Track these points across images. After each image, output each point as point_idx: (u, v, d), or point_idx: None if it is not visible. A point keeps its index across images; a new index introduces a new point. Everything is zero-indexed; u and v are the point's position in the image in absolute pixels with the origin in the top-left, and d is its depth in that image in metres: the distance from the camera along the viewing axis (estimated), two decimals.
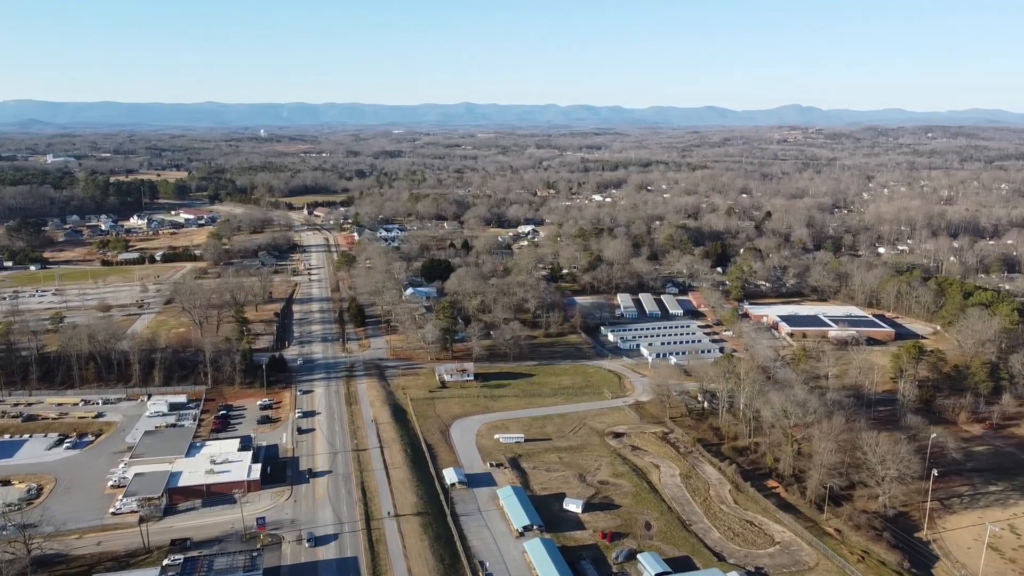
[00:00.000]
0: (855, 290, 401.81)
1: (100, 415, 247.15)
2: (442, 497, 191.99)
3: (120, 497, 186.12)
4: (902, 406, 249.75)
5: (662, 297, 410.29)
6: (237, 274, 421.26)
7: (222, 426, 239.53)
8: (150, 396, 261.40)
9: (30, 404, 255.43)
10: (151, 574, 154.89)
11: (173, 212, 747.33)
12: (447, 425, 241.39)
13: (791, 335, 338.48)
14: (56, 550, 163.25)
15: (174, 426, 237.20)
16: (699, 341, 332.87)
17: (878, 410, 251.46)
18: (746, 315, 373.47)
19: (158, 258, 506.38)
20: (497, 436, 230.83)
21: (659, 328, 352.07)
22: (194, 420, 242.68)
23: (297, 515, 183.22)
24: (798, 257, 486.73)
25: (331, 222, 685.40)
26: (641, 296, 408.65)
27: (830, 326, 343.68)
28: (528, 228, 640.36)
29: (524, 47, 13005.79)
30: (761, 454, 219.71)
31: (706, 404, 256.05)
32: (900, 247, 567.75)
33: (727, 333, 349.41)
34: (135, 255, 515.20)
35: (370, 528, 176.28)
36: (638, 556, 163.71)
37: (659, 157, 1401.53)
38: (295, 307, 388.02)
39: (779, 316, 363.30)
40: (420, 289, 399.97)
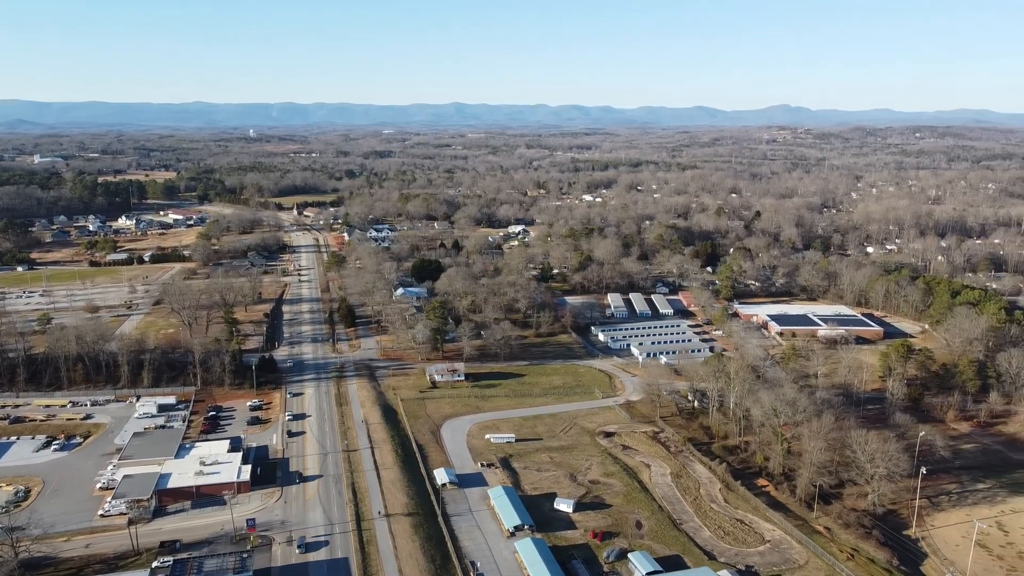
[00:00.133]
0: (844, 289, 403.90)
1: (88, 417, 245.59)
2: (433, 497, 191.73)
3: (109, 499, 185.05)
4: (891, 404, 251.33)
5: (652, 297, 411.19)
6: (226, 275, 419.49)
7: (212, 427, 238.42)
8: (139, 397, 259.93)
9: (17, 406, 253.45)
10: None
11: (162, 212, 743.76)
12: (438, 425, 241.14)
13: (780, 334, 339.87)
14: (44, 553, 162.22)
15: (163, 427, 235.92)
16: (689, 340, 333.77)
17: (867, 409, 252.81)
18: (736, 314, 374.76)
19: (147, 259, 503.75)
20: (488, 436, 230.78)
21: (649, 328, 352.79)
22: (183, 421, 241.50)
23: (287, 516, 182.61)
24: (787, 257, 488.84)
25: (321, 222, 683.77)
26: (631, 296, 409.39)
27: (819, 325, 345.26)
28: (518, 228, 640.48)
29: (515, 47, 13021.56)
30: (751, 453, 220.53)
31: (696, 403, 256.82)
32: (888, 246, 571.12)
33: (717, 332, 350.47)
34: (123, 256, 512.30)
35: (361, 529, 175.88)
36: (629, 555, 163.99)
37: (649, 157, 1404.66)
38: (285, 308, 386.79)
39: (769, 315, 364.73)
40: (410, 289, 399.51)
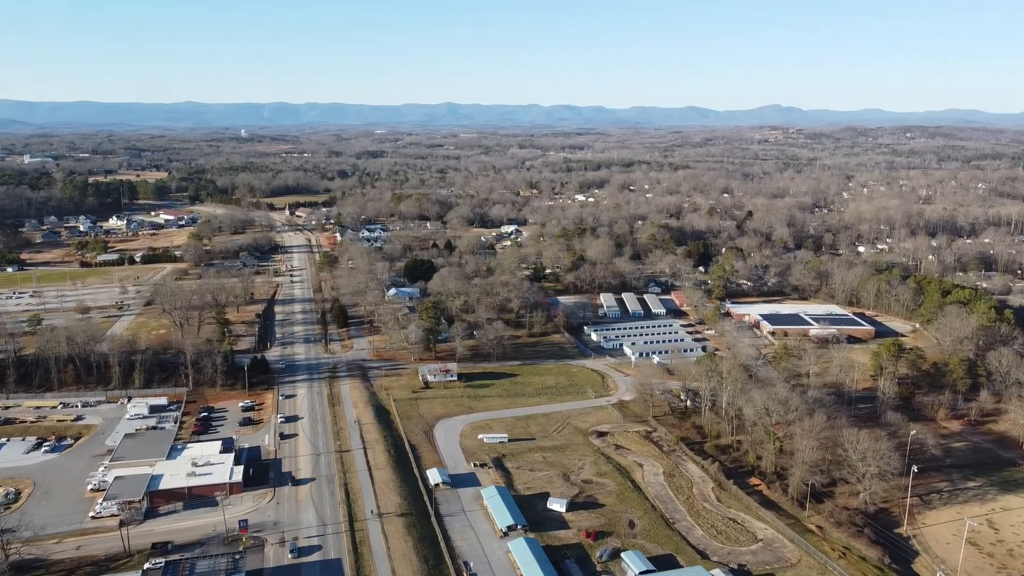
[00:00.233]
0: (835, 289, 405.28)
1: (79, 418, 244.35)
2: (426, 498, 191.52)
3: (100, 501, 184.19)
4: (882, 403, 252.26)
5: (645, 296, 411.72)
6: (218, 275, 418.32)
7: (203, 428, 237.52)
8: (130, 398, 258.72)
9: (7, 408, 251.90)
10: None
11: (153, 213, 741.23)
12: (431, 425, 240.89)
13: (772, 334, 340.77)
14: (35, 555, 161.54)
15: (155, 428, 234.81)
16: (682, 340, 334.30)
17: (858, 407, 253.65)
18: (728, 314, 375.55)
19: (138, 259, 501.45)
20: (481, 436, 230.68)
21: (642, 327, 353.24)
22: (175, 422, 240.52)
23: (280, 517, 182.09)
24: (779, 256, 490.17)
25: (313, 222, 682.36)
26: (624, 295, 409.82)
27: (811, 324, 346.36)
28: (511, 228, 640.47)
29: (507, 47, 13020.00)
30: (743, 452, 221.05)
31: (689, 403, 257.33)
32: (880, 246, 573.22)
33: (709, 332, 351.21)
34: (114, 256, 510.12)
35: (354, 530, 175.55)
36: (622, 555, 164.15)
37: (641, 157, 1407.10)
38: (277, 308, 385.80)
39: (761, 315, 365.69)
40: (403, 289, 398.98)
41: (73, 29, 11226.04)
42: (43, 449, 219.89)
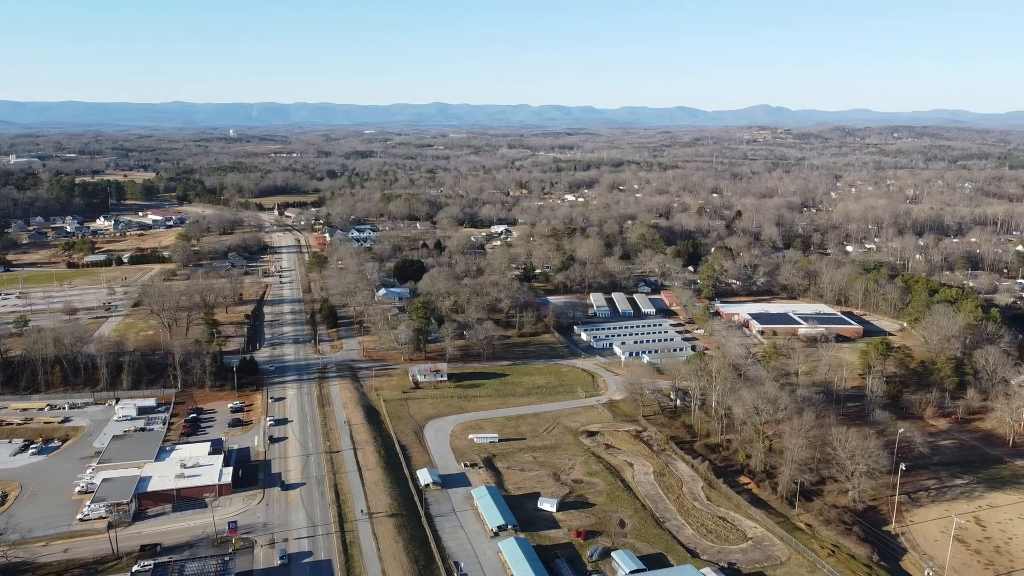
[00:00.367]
0: (824, 288, 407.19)
1: (67, 420, 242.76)
2: (416, 498, 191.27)
3: (88, 503, 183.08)
4: (870, 402, 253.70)
5: (634, 296, 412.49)
6: (207, 276, 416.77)
7: (192, 430, 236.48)
8: (118, 400, 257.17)
9: None
10: None
11: (141, 213, 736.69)
12: (421, 426, 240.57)
13: (762, 333, 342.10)
14: (22, 558, 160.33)
15: (143, 430, 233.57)
16: (671, 339, 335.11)
17: (847, 406, 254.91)
18: (717, 313, 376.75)
19: (125, 260, 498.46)
20: (471, 436, 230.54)
21: (632, 327, 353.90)
22: (163, 424, 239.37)
23: (269, 518, 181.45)
24: (768, 256, 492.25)
25: (302, 223, 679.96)
26: (614, 295, 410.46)
27: (800, 324, 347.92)
28: (501, 228, 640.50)
29: (497, 48, 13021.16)
30: (733, 451, 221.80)
31: (679, 402, 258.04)
32: (867, 245, 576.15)
33: (699, 331, 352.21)
34: (102, 257, 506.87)
35: (344, 531, 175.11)
36: (612, 554, 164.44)
37: (631, 157, 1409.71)
38: (266, 309, 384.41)
39: (750, 314, 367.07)
40: (393, 290, 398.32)
41: (61, 29, 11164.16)
42: (30, 451, 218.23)
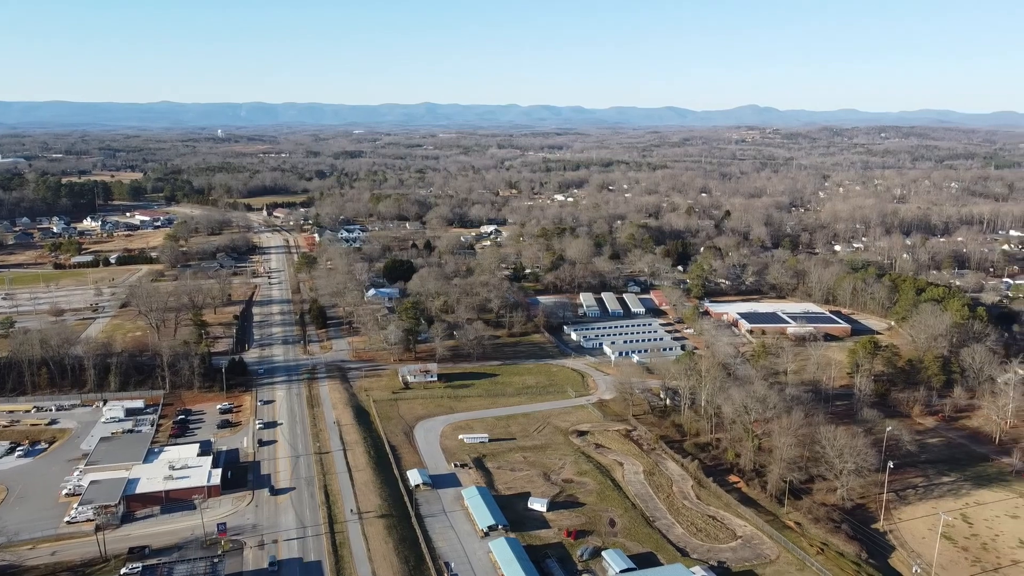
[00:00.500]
0: (812, 287, 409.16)
1: (53, 422, 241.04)
2: (406, 499, 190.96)
3: (75, 505, 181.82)
4: (858, 400, 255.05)
5: (624, 296, 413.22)
6: (195, 276, 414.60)
7: (181, 431, 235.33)
8: (106, 402, 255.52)
9: None
10: None
11: (128, 214, 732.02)
12: (411, 426, 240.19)
13: (751, 332, 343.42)
14: (8, 561, 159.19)
15: (131, 432, 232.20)
16: (661, 339, 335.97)
17: (836, 404, 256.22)
18: (707, 313, 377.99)
19: (113, 261, 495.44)
20: (461, 436, 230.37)
21: (622, 327, 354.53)
22: (152, 425, 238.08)
23: (259, 520, 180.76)
24: (757, 255, 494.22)
25: (291, 223, 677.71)
26: (604, 295, 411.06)
27: (788, 323, 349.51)
28: (491, 228, 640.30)
29: (486, 47, 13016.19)
30: (723, 450, 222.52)
31: (668, 401, 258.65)
32: (855, 245, 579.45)
33: (688, 331, 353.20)
34: (89, 258, 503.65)
35: (334, 532, 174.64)
36: (603, 553, 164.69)
37: (620, 157, 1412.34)
38: (255, 309, 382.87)
39: (739, 313, 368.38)
40: (382, 290, 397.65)
41: (48, 28, 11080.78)
42: (16, 454, 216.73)
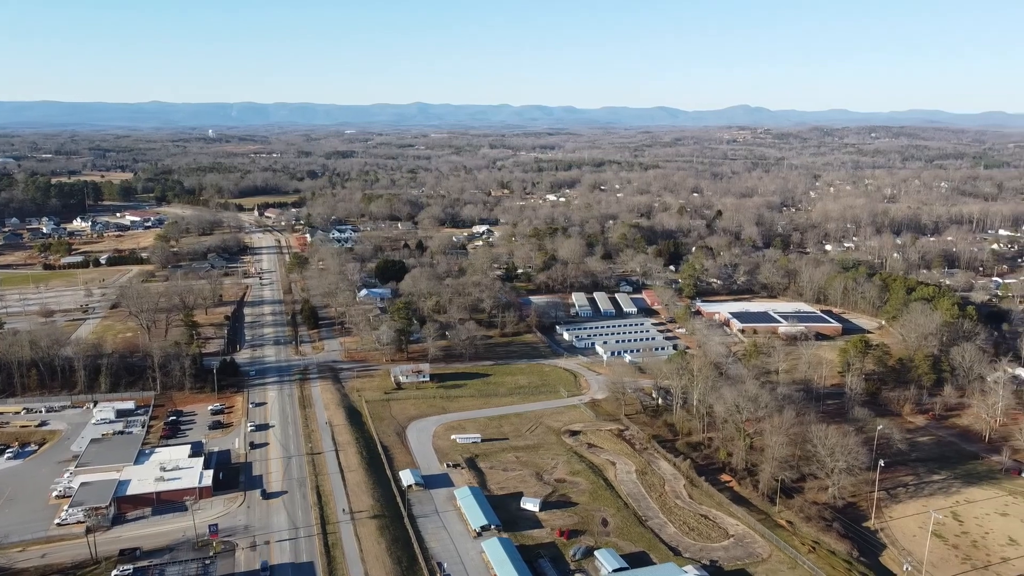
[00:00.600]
0: (803, 286, 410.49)
1: (43, 424, 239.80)
2: (399, 499, 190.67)
3: (66, 507, 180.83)
4: (850, 399, 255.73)
5: (616, 296, 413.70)
6: (186, 277, 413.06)
7: (172, 432, 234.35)
8: (96, 403, 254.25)
9: None
10: None
11: (118, 214, 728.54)
12: (403, 427, 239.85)
13: (742, 331, 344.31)
14: None
15: (122, 433, 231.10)
16: (653, 339, 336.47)
17: (827, 403, 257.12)
18: (698, 312, 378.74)
19: (103, 261, 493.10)
20: (454, 436, 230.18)
21: (614, 326, 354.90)
22: (143, 427, 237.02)
23: (251, 521, 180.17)
24: (748, 255, 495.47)
25: (283, 223, 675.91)
26: (596, 295, 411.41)
27: (780, 322, 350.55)
28: (483, 228, 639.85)
29: (478, 48, 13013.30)
30: (715, 449, 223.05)
31: (661, 401, 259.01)
32: (846, 244, 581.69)
33: (680, 330, 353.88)
34: (79, 259, 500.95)
35: (326, 532, 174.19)
36: (595, 553, 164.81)
37: (612, 157, 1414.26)
38: (246, 310, 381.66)
39: (730, 313, 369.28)
40: (374, 290, 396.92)
41: (36, 28, 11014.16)
42: (6, 456, 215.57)
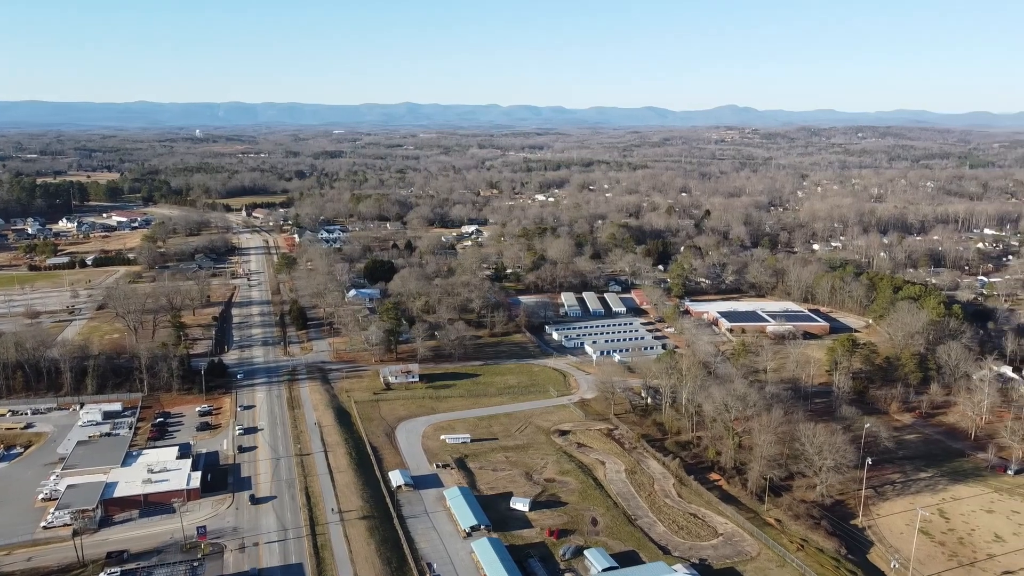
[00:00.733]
0: (791, 286, 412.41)
1: (29, 426, 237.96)
2: (388, 500, 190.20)
3: (52, 510, 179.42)
4: (837, 397, 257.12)
5: (605, 295, 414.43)
6: (173, 278, 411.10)
7: (160, 434, 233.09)
8: (83, 405, 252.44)
9: None
10: None
11: (105, 215, 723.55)
12: (392, 427, 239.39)
13: (731, 330, 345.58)
14: None
15: (109, 435, 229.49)
16: (642, 338, 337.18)
17: (815, 402, 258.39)
18: (687, 312, 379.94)
19: (89, 262, 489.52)
20: (443, 437, 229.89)
21: (603, 326, 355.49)
22: (130, 428, 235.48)
23: (239, 522, 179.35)
24: (736, 254, 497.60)
25: (271, 224, 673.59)
26: (585, 295, 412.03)
27: (768, 321, 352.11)
28: (472, 228, 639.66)
29: (467, 48, 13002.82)
30: (703, 448, 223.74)
31: (649, 400, 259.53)
32: (833, 243, 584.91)
33: (669, 330, 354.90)
34: (64, 259, 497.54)
35: (315, 534, 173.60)
36: (585, 552, 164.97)
37: (601, 157, 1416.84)
38: (234, 311, 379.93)
39: (719, 312, 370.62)
40: (363, 291, 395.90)
41: (21, 27, 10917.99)
42: None
